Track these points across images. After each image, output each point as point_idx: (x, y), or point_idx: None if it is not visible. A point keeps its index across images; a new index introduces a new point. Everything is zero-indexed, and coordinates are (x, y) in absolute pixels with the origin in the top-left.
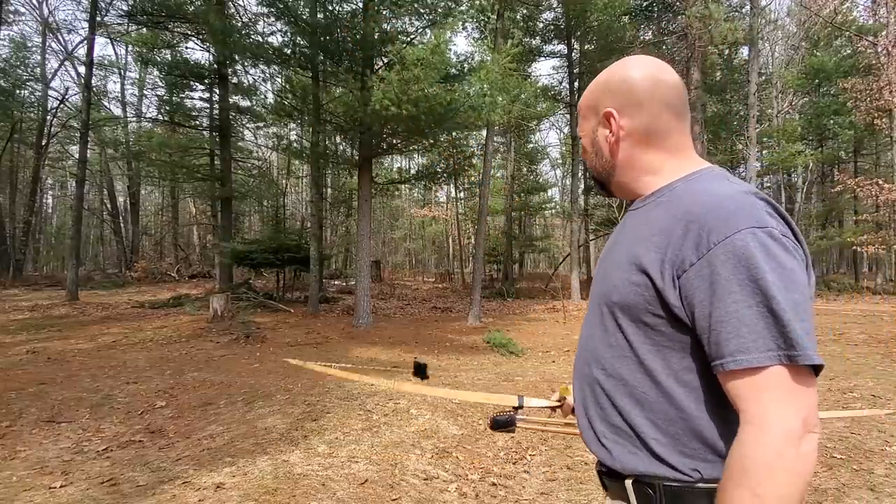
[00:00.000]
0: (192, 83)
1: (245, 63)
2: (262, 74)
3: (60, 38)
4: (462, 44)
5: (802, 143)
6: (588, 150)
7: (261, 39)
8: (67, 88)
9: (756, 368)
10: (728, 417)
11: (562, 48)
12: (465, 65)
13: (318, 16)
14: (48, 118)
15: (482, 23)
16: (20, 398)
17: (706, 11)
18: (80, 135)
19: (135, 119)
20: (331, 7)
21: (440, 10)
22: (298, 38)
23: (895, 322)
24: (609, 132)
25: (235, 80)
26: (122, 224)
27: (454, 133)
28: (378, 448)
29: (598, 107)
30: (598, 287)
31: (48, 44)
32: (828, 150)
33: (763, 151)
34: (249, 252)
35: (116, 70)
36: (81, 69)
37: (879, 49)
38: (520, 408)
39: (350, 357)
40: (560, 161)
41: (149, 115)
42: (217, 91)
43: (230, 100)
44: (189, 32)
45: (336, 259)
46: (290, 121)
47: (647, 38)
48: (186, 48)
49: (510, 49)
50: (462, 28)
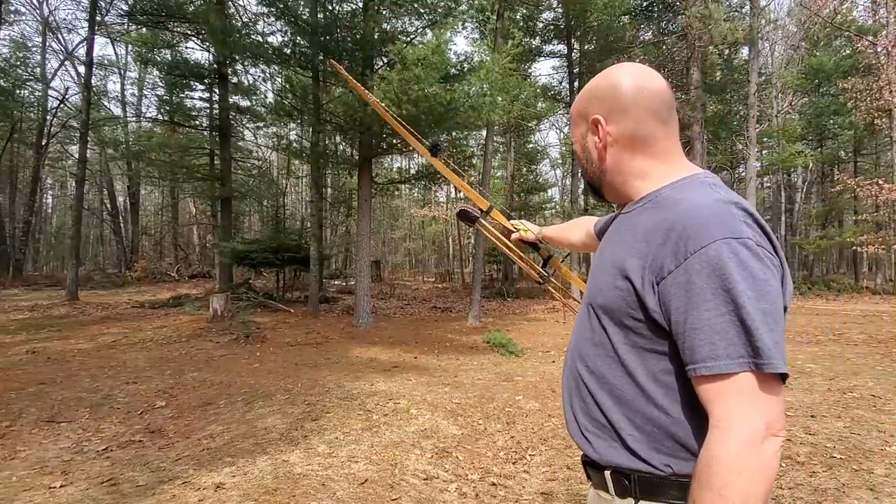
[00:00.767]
0: (192, 83)
1: (245, 63)
2: (262, 74)
3: (60, 38)
4: (462, 44)
5: (802, 143)
6: (580, 156)
7: (261, 39)
8: (67, 88)
9: (725, 374)
10: (703, 419)
11: (561, 48)
12: (465, 65)
13: (318, 16)
14: (48, 118)
15: (482, 23)
16: (20, 398)
17: (706, 11)
18: (80, 134)
19: (135, 119)
20: (331, 7)
21: (440, 10)
22: (298, 38)
23: (895, 322)
24: (597, 138)
25: (235, 80)
26: (122, 224)
27: (454, 133)
28: (378, 448)
29: (587, 113)
30: (588, 288)
31: (48, 43)
32: (828, 150)
33: (763, 151)
34: (249, 252)
35: (116, 70)
36: (81, 69)
37: (879, 49)
38: (487, 213)
39: (350, 357)
40: (560, 161)
41: (149, 115)
42: (217, 91)
43: (230, 99)
44: (189, 32)
45: (336, 259)
46: (290, 121)
47: (647, 38)
48: (186, 48)
49: (510, 49)
50: (462, 28)
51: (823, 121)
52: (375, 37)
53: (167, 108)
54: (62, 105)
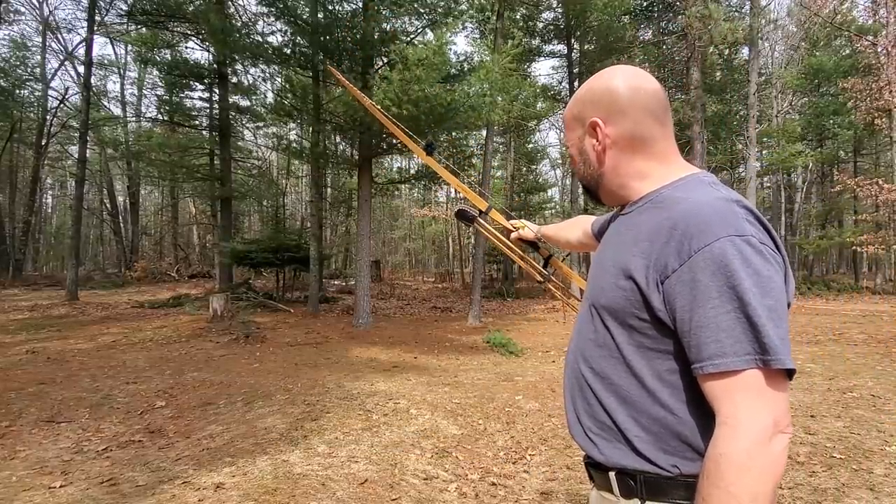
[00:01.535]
0: (192, 83)
1: (245, 63)
2: (262, 74)
3: (60, 38)
4: (462, 44)
5: (802, 143)
6: (576, 159)
7: (260, 39)
8: (67, 88)
9: (732, 372)
10: (709, 417)
11: (561, 48)
12: (465, 65)
13: (318, 15)
14: (48, 118)
15: (482, 23)
16: (20, 398)
17: (706, 11)
18: (80, 134)
19: (134, 119)
20: (331, 7)
21: (440, 10)
22: (298, 38)
23: (895, 322)
24: (595, 141)
25: (235, 80)
26: (122, 224)
27: (454, 133)
28: (378, 448)
29: (584, 117)
30: (589, 288)
31: (48, 43)
32: (827, 150)
33: (763, 151)
34: (249, 252)
35: (116, 70)
36: (81, 69)
37: (879, 49)
38: (486, 213)
39: (350, 357)
40: (559, 161)
41: (148, 115)
42: (217, 91)
43: (230, 99)
44: (189, 32)
45: (336, 259)
46: (290, 120)
47: (647, 38)
48: (186, 48)
49: (510, 49)
50: (462, 28)
51: (823, 121)
52: (375, 37)
53: (167, 108)
54: (62, 105)
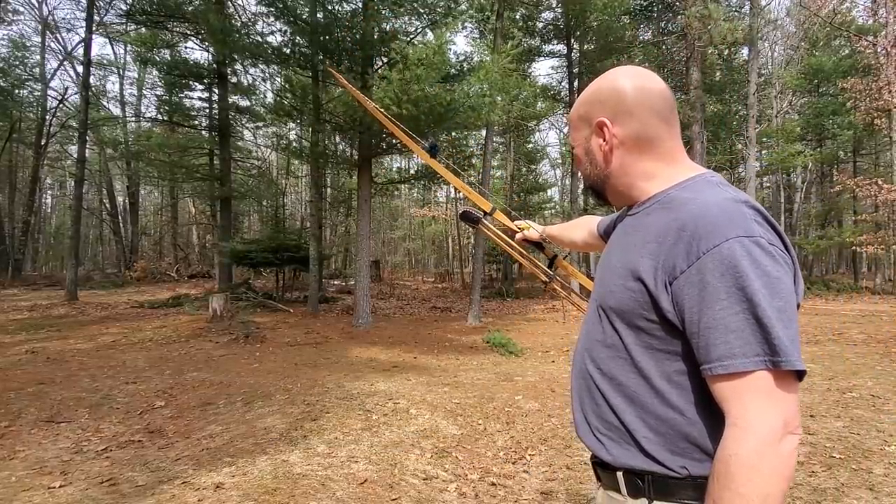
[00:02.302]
0: (192, 83)
1: (244, 63)
2: (262, 74)
3: (60, 38)
4: (462, 44)
5: (802, 144)
6: (582, 160)
7: (260, 39)
8: (67, 88)
9: (742, 373)
10: (717, 419)
11: (561, 48)
12: (465, 65)
13: (318, 15)
14: (47, 118)
15: (482, 23)
16: (19, 398)
17: (706, 11)
18: (79, 134)
19: (134, 119)
20: (330, 7)
21: (440, 10)
22: (298, 38)
23: (894, 322)
24: (602, 141)
25: (235, 80)
26: (122, 224)
27: (454, 133)
28: (377, 448)
29: (590, 117)
30: (597, 289)
31: (47, 43)
32: (827, 150)
33: (762, 151)
34: (249, 252)
35: (115, 70)
36: (81, 69)
37: (879, 49)
38: (489, 214)
39: (349, 357)
40: (559, 161)
41: (148, 115)
42: (216, 91)
43: (229, 99)
44: (188, 32)
45: (336, 259)
46: (290, 120)
47: (647, 38)
48: (185, 48)
49: (510, 49)
50: (462, 28)
51: (823, 121)
52: (375, 37)
53: (166, 108)
54: (61, 105)
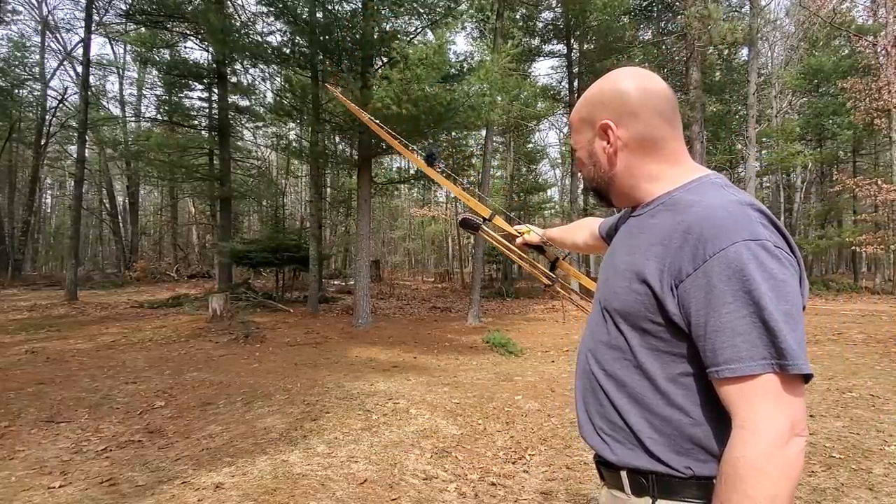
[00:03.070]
0: (191, 83)
1: (244, 62)
2: (262, 74)
3: (59, 38)
4: (462, 44)
5: (801, 143)
6: (585, 162)
7: (260, 39)
8: (67, 88)
9: (749, 376)
10: (722, 420)
11: (561, 48)
12: (465, 65)
13: (318, 15)
14: (47, 118)
15: (482, 22)
16: (19, 398)
17: (705, 11)
18: (79, 134)
19: (133, 119)
20: (330, 6)
21: (440, 10)
22: (298, 38)
23: (894, 322)
24: (607, 143)
25: (234, 80)
26: (121, 224)
27: (454, 133)
28: (377, 448)
29: (594, 119)
30: (601, 291)
31: (47, 43)
32: (827, 150)
33: (762, 151)
34: (248, 252)
35: (115, 69)
36: (80, 69)
37: (879, 49)
38: (489, 220)
39: (349, 357)
40: (559, 161)
41: (147, 115)
42: (216, 90)
43: (229, 99)
44: (188, 32)
45: (335, 259)
46: (290, 120)
47: (647, 38)
48: (185, 48)
49: (510, 49)
50: (462, 28)
51: (822, 121)
52: (375, 37)
53: (166, 108)
54: (61, 105)
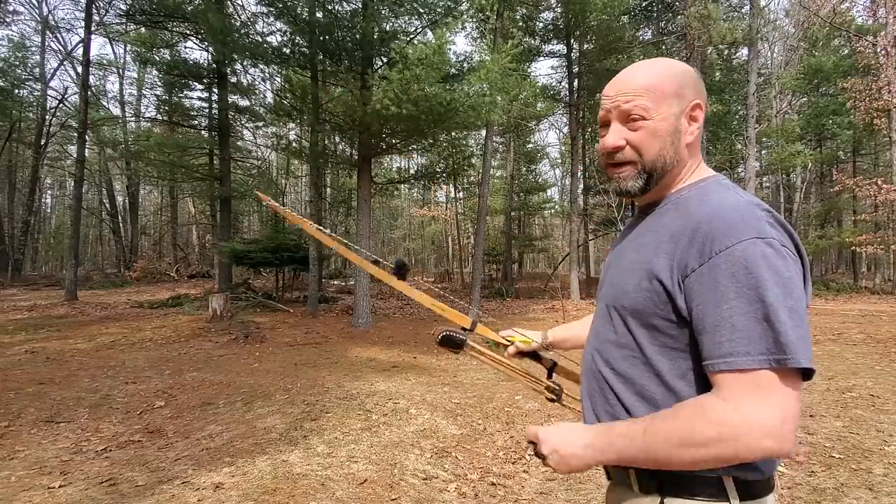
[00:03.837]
0: (191, 83)
1: (244, 62)
2: (262, 74)
3: (60, 38)
4: (462, 43)
5: (801, 143)
6: (662, 135)
7: (260, 39)
8: (67, 88)
9: (744, 370)
10: None
11: (561, 48)
12: (465, 65)
13: (318, 15)
14: (47, 118)
15: (482, 23)
16: (19, 398)
17: (705, 11)
18: (79, 134)
19: (133, 119)
20: (330, 6)
21: (440, 10)
22: (298, 38)
23: (894, 322)
24: (696, 126)
25: (234, 80)
26: (121, 224)
27: (454, 133)
28: (377, 448)
29: (684, 95)
30: (607, 289)
31: (47, 43)
32: (827, 150)
33: (762, 151)
34: (248, 252)
35: (115, 70)
36: (80, 69)
37: (879, 49)
38: (470, 330)
39: (349, 357)
40: (559, 161)
41: (148, 115)
42: (216, 91)
43: (229, 99)
44: (188, 32)
45: (335, 259)
46: (290, 120)
47: (647, 38)
48: (185, 48)
49: (510, 49)
50: (462, 28)
51: (822, 121)
52: (375, 37)
53: (166, 108)
54: (61, 105)
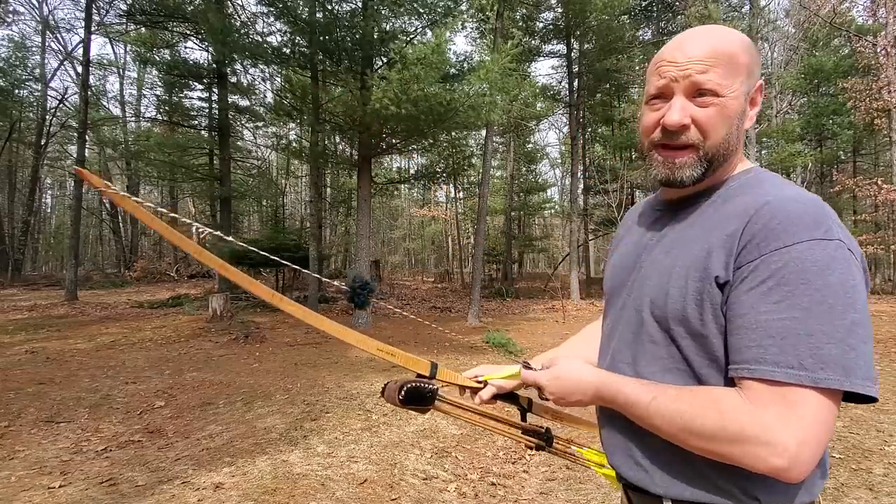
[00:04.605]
0: (191, 83)
1: (244, 62)
2: (262, 74)
3: (60, 38)
4: (462, 43)
5: (801, 143)
6: (730, 119)
7: (260, 39)
8: (67, 88)
9: (774, 382)
10: None
11: (561, 48)
12: (465, 65)
13: (318, 15)
14: (47, 118)
15: (482, 23)
16: (19, 398)
17: (705, 11)
18: (79, 134)
19: (133, 119)
20: (330, 6)
21: (440, 10)
22: (297, 38)
23: (894, 322)
24: (755, 110)
25: (234, 80)
26: (121, 224)
27: (454, 133)
28: (377, 448)
29: (753, 73)
30: (637, 293)
31: (48, 43)
32: (827, 151)
33: (762, 151)
34: (248, 252)
35: (115, 70)
36: (80, 69)
37: (879, 49)
38: (433, 376)
39: (349, 357)
40: (559, 161)
41: (148, 115)
42: (216, 91)
43: (229, 99)
44: (188, 32)
45: (335, 259)
46: (290, 120)
47: (647, 38)
48: (185, 48)
49: (510, 49)
50: (462, 28)
51: (822, 121)
52: (375, 36)
53: (166, 108)
54: (61, 105)
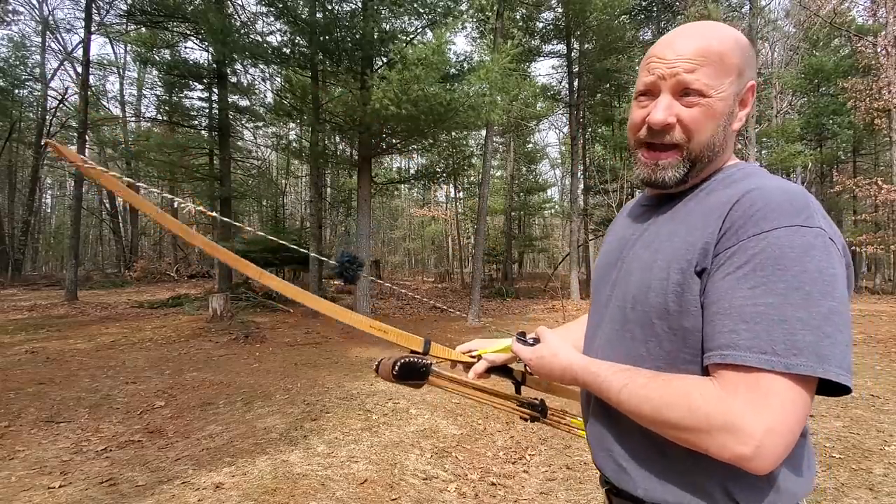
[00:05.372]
0: (191, 83)
1: (244, 62)
2: (262, 74)
3: (60, 38)
4: (462, 44)
5: (801, 143)
6: (716, 119)
7: (260, 39)
8: (67, 88)
9: (745, 368)
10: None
11: (561, 48)
12: (465, 65)
13: (318, 15)
14: (47, 118)
15: (482, 23)
16: (19, 398)
17: (705, 11)
18: (79, 134)
19: (133, 119)
20: (330, 6)
21: (440, 10)
22: (297, 38)
23: (894, 322)
24: (745, 111)
25: (234, 80)
26: (121, 224)
27: (454, 133)
28: (377, 448)
29: (744, 73)
30: (621, 289)
31: (48, 43)
32: (827, 150)
33: (762, 151)
34: (248, 252)
35: (115, 70)
36: (80, 69)
37: (878, 49)
38: (426, 353)
39: (349, 357)
40: (559, 161)
41: (148, 115)
42: (216, 91)
43: (229, 99)
44: (188, 32)
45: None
46: (290, 120)
47: (647, 38)
48: (185, 48)
49: (510, 49)
50: (462, 28)
51: (823, 121)
52: (375, 36)
53: (166, 108)
54: (61, 105)
